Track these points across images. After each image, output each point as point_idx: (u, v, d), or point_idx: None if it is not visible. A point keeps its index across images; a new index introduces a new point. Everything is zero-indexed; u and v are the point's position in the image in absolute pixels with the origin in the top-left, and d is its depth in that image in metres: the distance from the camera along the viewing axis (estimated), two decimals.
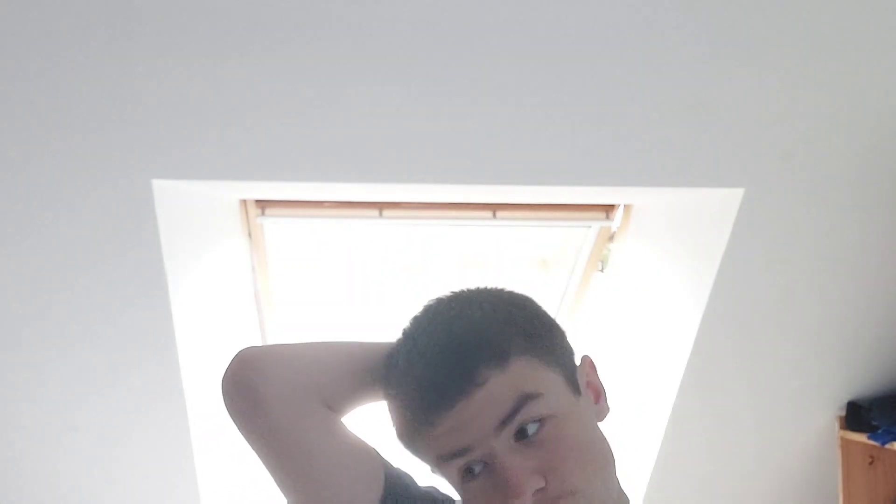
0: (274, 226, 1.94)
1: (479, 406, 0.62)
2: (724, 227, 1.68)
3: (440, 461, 0.65)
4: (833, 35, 1.41)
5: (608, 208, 1.99)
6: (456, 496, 0.72)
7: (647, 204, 1.97)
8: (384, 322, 0.75)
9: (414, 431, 0.66)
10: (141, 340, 1.63)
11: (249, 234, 1.95)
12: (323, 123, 1.41)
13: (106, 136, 1.37)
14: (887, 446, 1.90)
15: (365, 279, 2.24)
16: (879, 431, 1.92)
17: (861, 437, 1.97)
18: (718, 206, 1.69)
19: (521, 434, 0.63)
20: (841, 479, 2.03)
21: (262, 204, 1.89)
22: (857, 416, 2.02)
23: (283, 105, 1.38)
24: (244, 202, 1.88)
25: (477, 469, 0.64)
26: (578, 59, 1.38)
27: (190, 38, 1.28)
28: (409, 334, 0.69)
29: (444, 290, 0.72)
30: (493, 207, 1.94)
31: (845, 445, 2.04)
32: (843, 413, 2.05)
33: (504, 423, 0.62)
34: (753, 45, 1.40)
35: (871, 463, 2.05)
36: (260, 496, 2.18)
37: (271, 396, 0.66)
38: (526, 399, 0.63)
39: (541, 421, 0.63)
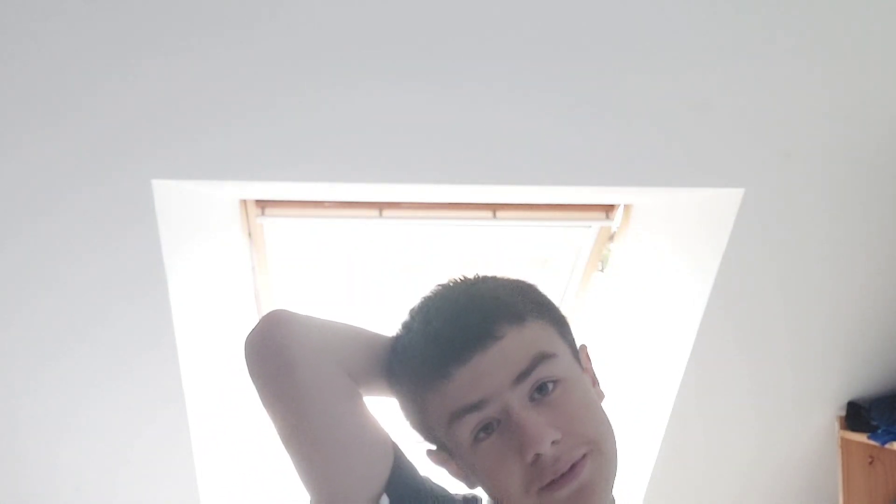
0: (274, 226, 1.94)
1: (497, 359, 0.64)
2: (724, 227, 1.68)
3: (453, 419, 0.65)
4: (833, 35, 1.41)
5: (608, 208, 1.99)
6: (452, 489, 0.72)
7: (647, 204, 1.97)
8: (384, 322, 0.76)
9: (428, 388, 0.66)
10: (140, 340, 1.63)
11: (249, 234, 1.95)
12: (323, 123, 1.41)
13: (106, 135, 1.37)
14: (887, 446, 1.90)
15: (365, 279, 2.24)
16: (879, 431, 1.92)
17: (861, 437, 1.97)
18: (718, 206, 1.69)
19: (535, 393, 0.65)
20: (841, 479, 2.03)
21: (262, 204, 1.89)
22: (857, 416, 2.02)
23: (284, 105, 1.38)
24: (244, 202, 1.88)
25: (490, 429, 0.65)
26: (578, 59, 1.38)
27: (190, 38, 1.28)
28: (421, 306, 0.70)
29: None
30: (493, 207, 1.93)
31: (845, 445, 2.03)
32: (843, 413, 2.05)
33: (520, 377, 0.64)
34: (753, 45, 1.40)
35: (871, 463, 2.05)
36: (259, 496, 2.18)
37: (300, 358, 0.65)
38: (542, 357, 0.65)
39: (554, 382, 0.65)
